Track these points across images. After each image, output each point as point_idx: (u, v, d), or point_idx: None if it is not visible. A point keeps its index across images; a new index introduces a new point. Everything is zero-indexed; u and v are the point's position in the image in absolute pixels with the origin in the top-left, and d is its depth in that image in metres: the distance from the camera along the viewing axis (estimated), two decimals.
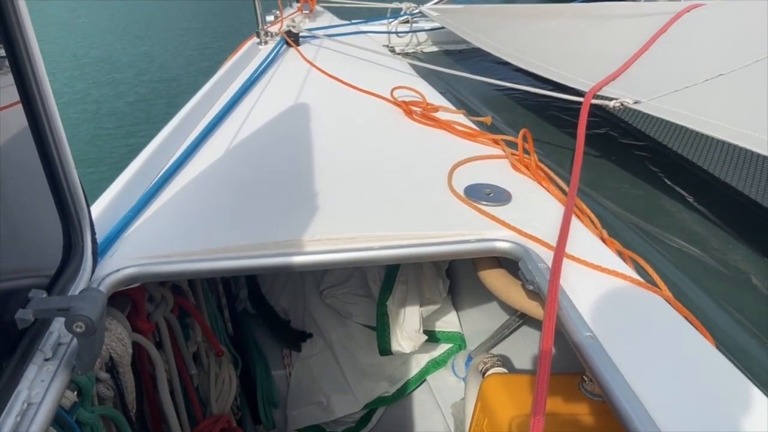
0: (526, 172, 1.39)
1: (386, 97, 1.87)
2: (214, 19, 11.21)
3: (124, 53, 9.13)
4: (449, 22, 2.76)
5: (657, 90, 1.52)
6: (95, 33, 10.36)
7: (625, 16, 2.39)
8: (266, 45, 2.48)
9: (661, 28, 2.02)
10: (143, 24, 10.59)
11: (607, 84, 1.67)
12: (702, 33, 1.97)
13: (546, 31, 2.48)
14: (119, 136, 6.00)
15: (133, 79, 7.82)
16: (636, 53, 1.84)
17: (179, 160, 1.39)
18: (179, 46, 9.75)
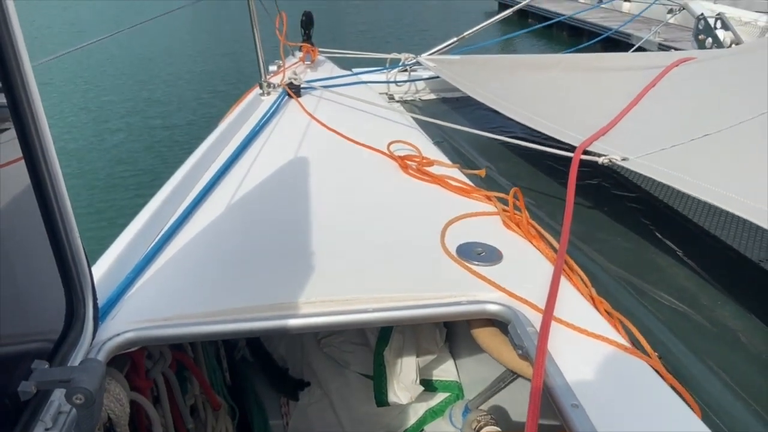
0: (517, 230, 1.43)
1: (383, 150, 1.92)
2: (220, 63, 11.37)
3: (126, 100, 9.19)
4: (445, 72, 2.84)
5: (645, 147, 1.57)
6: (96, 78, 10.46)
7: (616, 69, 2.47)
8: (269, 96, 2.56)
9: (650, 82, 2.09)
10: (147, 69, 10.64)
11: (597, 139, 1.72)
12: (690, 89, 2.03)
13: (540, 82, 2.56)
14: (120, 188, 6.02)
15: (135, 128, 7.87)
16: (625, 108, 1.90)
17: (179, 219, 1.43)
18: (184, 90, 9.82)
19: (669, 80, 2.09)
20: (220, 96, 9.30)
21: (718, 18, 3.47)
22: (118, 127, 7.91)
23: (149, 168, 6.50)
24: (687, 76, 2.12)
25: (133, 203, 5.37)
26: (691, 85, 2.07)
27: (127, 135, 7.60)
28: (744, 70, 2.07)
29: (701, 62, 2.24)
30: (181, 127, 7.91)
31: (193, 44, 12.65)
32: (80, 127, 7.92)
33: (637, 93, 2.01)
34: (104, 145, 7.30)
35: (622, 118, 1.84)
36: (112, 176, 6.32)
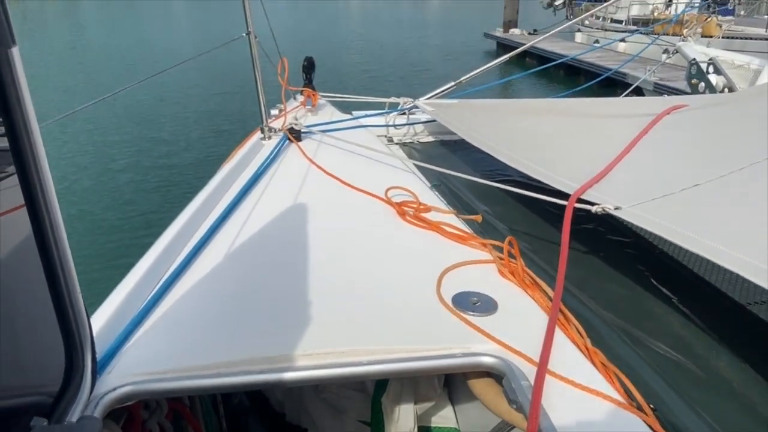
0: (512, 278, 1.44)
1: (381, 196, 1.96)
2: (224, 103, 11.47)
3: (132, 139, 9.23)
4: (442, 116, 2.90)
5: (637, 196, 1.60)
6: (101, 117, 10.55)
7: (610, 116, 2.52)
8: (270, 140, 2.61)
9: (643, 129, 2.13)
10: (151, 109, 10.72)
11: (590, 187, 1.75)
12: (682, 137, 2.08)
13: (535, 127, 2.61)
14: (123, 229, 6.02)
15: (139, 168, 7.91)
16: (618, 155, 1.94)
17: (178, 268, 1.45)
18: (189, 130, 9.88)
19: (661, 127, 2.13)
20: (225, 135, 9.41)
21: (710, 63, 3.54)
22: (122, 167, 7.97)
23: (153, 209, 6.52)
24: (679, 124, 2.17)
25: (135, 245, 5.39)
26: (683, 133, 2.11)
27: (131, 175, 7.65)
28: (735, 119, 2.12)
29: (693, 110, 2.29)
30: (185, 167, 7.97)
31: (197, 84, 12.82)
32: (84, 167, 7.97)
33: (630, 140, 2.06)
34: (108, 185, 7.35)
35: (615, 165, 1.87)
36: (115, 217, 6.33)
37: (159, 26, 32.01)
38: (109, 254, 5.39)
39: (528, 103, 3.14)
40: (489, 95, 5.69)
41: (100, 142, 9.00)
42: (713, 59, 3.56)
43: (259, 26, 2.73)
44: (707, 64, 3.53)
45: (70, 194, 6.94)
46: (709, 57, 3.70)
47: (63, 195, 6.81)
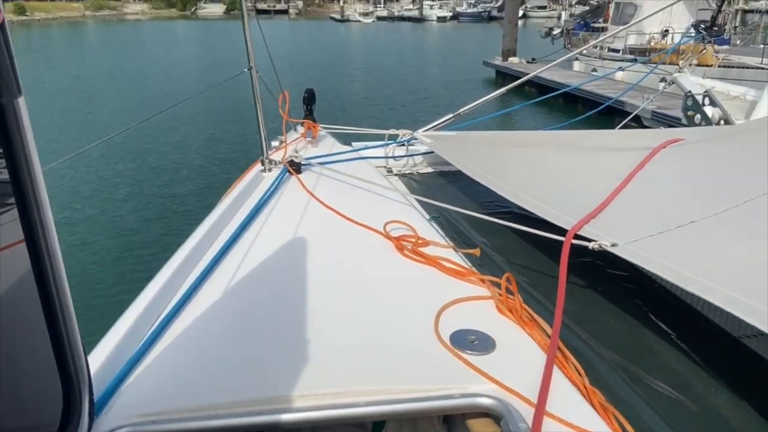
0: (510, 315, 1.45)
1: (379, 230, 1.97)
2: (227, 131, 11.50)
3: (133, 168, 9.23)
4: (440, 148, 2.93)
5: (634, 232, 1.62)
6: (103, 147, 10.69)
7: (606, 149, 2.55)
8: (270, 172, 2.63)
9: (639, 163, 2.15)
10: (153, 137, 10.71)
11: (587, 223, 1.77)
12: (678, 172, 2.10)
13: (532, 161, 2.63)
14: (123, 260, 5.99)
15: (141, 198, 7.91)
16: (614, 190, 1.95)
17: (176, 306, 1.46)
18: (191, 159, 9.90)
19: (658, 161, 2.15)
20: (227, 163, 9.44)
21: (705, 95, 3.59)
22: (124, 197, 7.98)
23: (155, 239, 6.50)
24: (675, 158, 2.19)
25: (136, 278, 5.38)
26: (679, 167, 2.13)
27: (134, 205, 7.66)
28: (731, 154, 2.14)
29: (689, 144, 2.31)
30: (187, 196, 7.99)
31: (200, 113, 12.88)
32: (86, 196, 7.98)
33: (627, 174, 2.08)
34: (110, 214, 7.35)
35: (611, 200, 1.89)
36: (116, 248, 6.32)
37: (163, 49, 32.45)
38: (110, 286, 5.37)
39: (525, 135, 3.18)
40: (488, 123, 5.73)
41: (102, 170, 9.02)
42: (708, 91, 3.61)
43: (260, 57, 2.78)
44: (702, 96, 3.57)
45: (72, 224, 6.92)
46: (705, 89, 3.75)
47: (64, 225, 6.80)
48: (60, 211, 7.12)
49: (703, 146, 2.35)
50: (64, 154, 6.66)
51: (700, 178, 2.03)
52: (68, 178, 8.58)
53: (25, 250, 0.84)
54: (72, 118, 13.50)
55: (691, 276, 1.33)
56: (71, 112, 14.30)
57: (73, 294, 0.93)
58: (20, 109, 0.77)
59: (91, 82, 19.87)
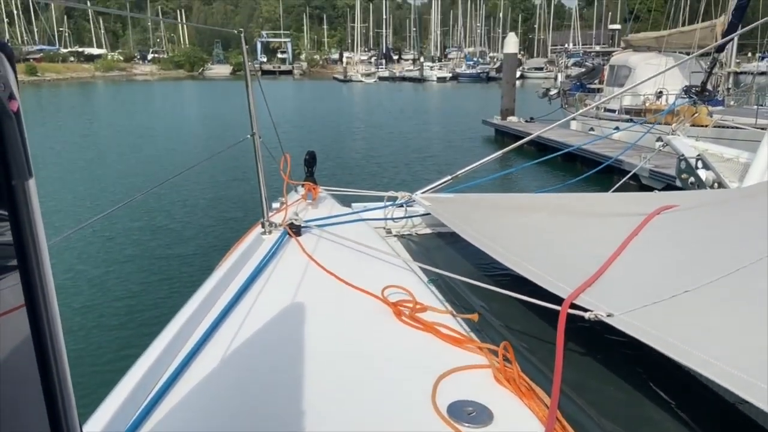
0: (507, 386, 1.44)
1: (377, 295, 1.98)
2: (229, 190, 11.59)
3: (135, 229, 9.22)
4: (438, 211, 2.97)
5: (629, 301, 1.63)
6: (105, 205, 10.64)
7: (601, 214, 2.58)
8: (270, 235, 2.67)
9: (634, 230, 2.18)
10: (156, 196, 10.72)
11: (583, 291, 1.78)
12: (672, 238, 2.12)
13: (529, 224, 2.67)
14: (122, 326, 5.93)
15: (142, 259, 7.89)
16: (609, 258, 1.98)
17: (173, 375, 1.46)
18: (193, 218, 9.93)
19: (652, 228, 2.19)
20: (231, 222, 9.51)
21: (698, 158, 3.66)
22: (124, 258, 7.98)
23: (154, 302, 6.46)
24: (669, 225, 2.22)
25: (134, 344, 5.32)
26: (672, 234, 2.16)
27: (134, 267, 7.64)
28: (725, 221, 2.17)
29: (683, 211, 2.35)
30: (189, 257, 7.99)
31: (202, 172, 12.98)
32: (88, 257, 7.97)
33: (621, 241, 2.10)
34: (111, 276, 7.32)
35: (606, 268, 1.91)
36: (117, 311, 6.26)
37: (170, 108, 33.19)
38: (109, 351, 5.31)
39: (522, 198, 3.23)
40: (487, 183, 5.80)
41: (104, 230, 9.04)
42: (701, 155, 3.68)
43: (262, 118, 2.85)
44: (696, 159, 3.64)
45: (74, 286, 6.89)
46: (698, 152, 3.83)
47: (67, 287, 6.78)
48: (63, 273, 7.11)
49: (697, 212, 2.38)
50: (69, 214, 6.83)
51: (694, 245, 2.06)
52: (72, 240, 8.60)
53: (23, 317, 0.86)
54: (78, 178, 13.66)
55: (687, 349, 1.33)
56: (78, 172, 14.48)
57: (75, 358, 0.94)
58: (30, 191, 0.81)
59: (98, 142, 20.26)
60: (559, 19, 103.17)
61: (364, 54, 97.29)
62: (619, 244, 2.06)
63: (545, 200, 3.01)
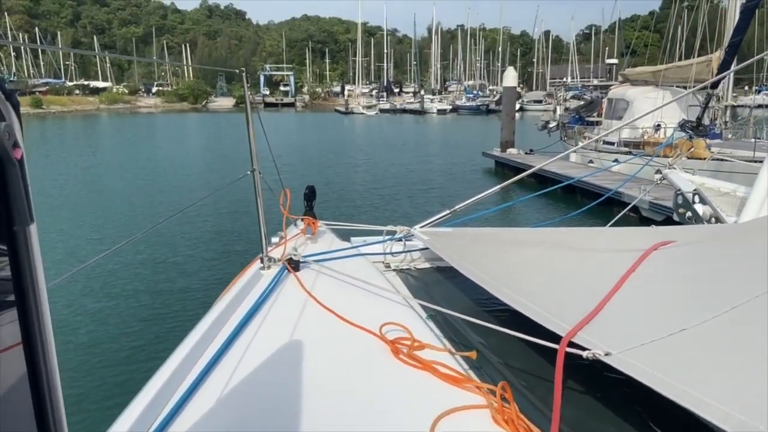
0: (506, 427, 1.44)
1: (375, 332, 1.98)
2: (229, 223, 11.53)
3: (134, 263, 9.12)
4: (436, 245, 2.99)
5: (627, 340, 1.63)
6: (101, 242, 10.54)
7: (599, 250, 2.59)
8: (269, 270, 2.68)
9: (631, 266, 2.19)
10: (152, 232, 10.41)
11: (581, 329, 1.78)
12: (669, 274, 2.13)
13: (527, 260, 2.67)
14: (119, 364, 5.85)
15: (141, 294, 7.81)
16: (607, 295, 1.98)
17: (168, 415, 1.45)
18: (193, 251, 9.86)
19: (649, 265, 2.19)
20: (233, 255, 9.44)
21: (695, 193, 3.68)
22: (125, 292, 7.91)
23: (152, 339, 6.37)
24: (666, 261, 2.23)
25: (131, 379, 5.27)
26: (669, 271, 2.17)
27: (133, 302, 7.56)
28: (720, 257, 2.18)
29: (680, 247, 2.36)
30: (190, 291, 7.93)
31: (203, 207, 12.84)
32: (88, 291, 7.89)
33: (619, 277, 2.11)
34: (111, 312, 7.23)
35: (604, 305, 1.91)
36: (116, 349, 6.18)
37: (172, 141, 33.45)
38: (108, 387, 5.23)
39: (521, 233, 3.24)
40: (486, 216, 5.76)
41: (105, 264, 8.95)
42: (698, 189, 3.70)
43: (262, 151, 2.88)
44: (693, 194, 3.67)
45: (74, 321, 6.80)
46: (695, 186, 3.85)
47: (66, 323, 6.69)
48: (64, 308, 7.05)
49: (694, 248, 2.39)
50: (71, 249, 6.81)
51: (691, 282, 2.06)
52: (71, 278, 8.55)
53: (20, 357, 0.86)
54: (81, 213, 13.62)
55: (684, 389, 1.32)
56: (80, 207, 14.45)
57: (73, 396, 0.94)
58: (31, 236, 0.83)
59: (100, 175, 20.34)
60: (558, 53, 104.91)
61: (366, 87, 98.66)
62: (616, 280, 2.07)
63: (543, 235, 3.03)
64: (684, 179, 4.27)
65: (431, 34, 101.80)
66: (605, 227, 3.41)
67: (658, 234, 2.68)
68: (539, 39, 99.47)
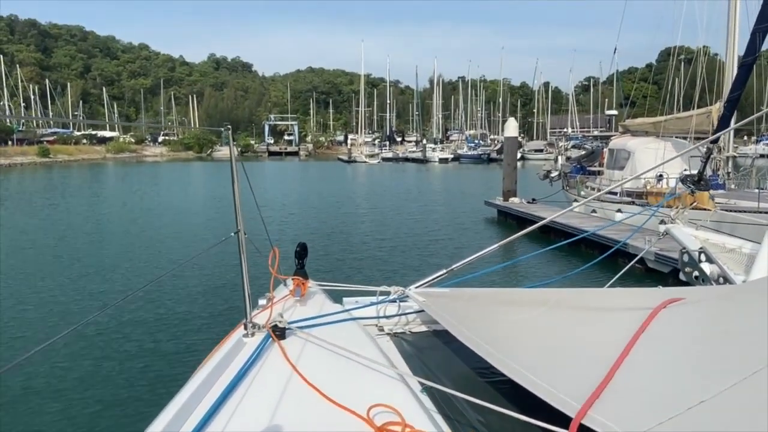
0: None
1: (362, 415, 1.81)
2: (214, 284, 11.03)
3: (109, 324, 8.66)
4: (432, 308, 2.84)
5: (641, 417, 1.47)
6: (82, 302, 10.13)
7: (604, 309, 2.46)
8: (253, 337, 2.52)
9: (639, 327, 2.05)
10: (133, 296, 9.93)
11: (590, 407, 1.62)
12: (681, 335, 1.99)
13: (529, 324, 2.52)
14: None
15: (113, 363, 7.37)
16: (617, 361, 1.83)
17: None
18: (177, 313, 9.36)
19: (658, 324, 2.05)
20: (217, 319, 8.97)
21: (701, 251, 3.55)
22: (104, 356, 7.51)
23: (130, 411, 6.02)
24: (677, 320, 2.10)
25: None
26: (681, 330, 2.04)
27: (113, 367, 7.19)
28: (732, 319, 2.05)
29: (690, 304, 2.23)
30: (171, 356, 7.53)
31: (189, 267, 12.02)
32: (69, 355, 7.48)
33: (627, 340, 1.97)
34: (89, 378, 6.88)
35: (614, 374, 1.76)
36: (91, 420, 5.86)
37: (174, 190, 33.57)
38: None
39: (521, 294, 3.09)
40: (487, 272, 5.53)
41: (87, 328, 8.42)
42: (704, 248, 3.58)
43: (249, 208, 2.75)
44: (698, 252, 3.54)
45: (50, 390, 6.48)
46: (700, 244, 3.72)
47: (39, 392, 6.40)
48: (41, 377, 6.74)
49: (705, 306, 2.26)
50: (60, 309, 6.45)
51: (703, 343, 1.92)
52: (47, 333, 8.24)
53: None
54: (73, 269, 13.12)
55: None
56: (74, 262, 13.96)
57: None
58: None
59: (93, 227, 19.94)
60: (557, 103, 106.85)
61: (369, 136, 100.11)
62: (625, 342, 1.92)
63: (545, 295, 2.88)
64: (687, 235, 4.14)
65: (433, 85, 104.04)
66: (610, 287, 3.27)
67: (666, 294, 2.54)
68: (539, 90, 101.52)
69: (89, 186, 39.50)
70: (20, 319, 9.24)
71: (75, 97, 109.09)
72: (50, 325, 8.77)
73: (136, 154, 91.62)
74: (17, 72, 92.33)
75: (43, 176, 49.40)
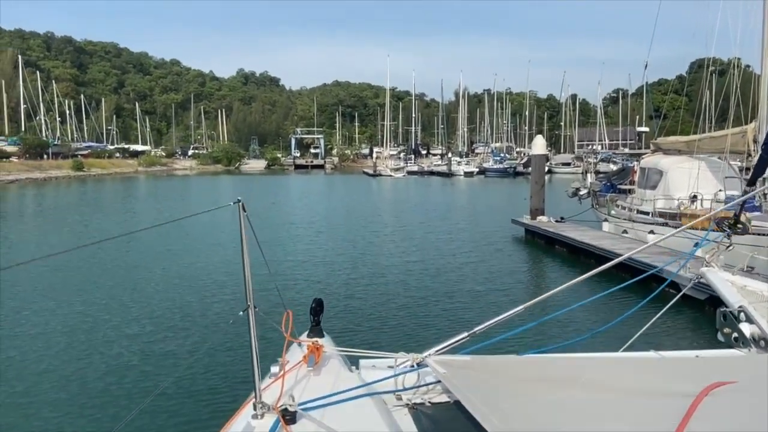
0: None
1: None
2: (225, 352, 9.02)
3: (116, 388, 7.66)
4: (452, 381, 2.66)
5: None
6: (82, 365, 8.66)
7: (644, 393, 2.27)
8: (262, 420, 2.38)
9: (684, 416, 1.87)
10: (137, 356, 8.77)
11: None
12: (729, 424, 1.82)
13: (558, 404, 2.34)
14: None
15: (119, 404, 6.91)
16: None
17: None
18: (183, 390, 7.62)
19: (705, 411, 1.88)
20: (224, 391, 7.60)
21: (740, 311, 3.32)
22: (104, 416, 6.74)
23: None
24: (725, 408, 1.92)
25: None
26: (728, 421, 1.86)
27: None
28: None
29: (739, 390, 2.04)
30: None
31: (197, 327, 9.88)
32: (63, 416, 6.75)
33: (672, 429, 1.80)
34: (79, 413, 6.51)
35: None
36: None
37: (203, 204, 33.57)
38: None
39: (553, 364, 2.91)
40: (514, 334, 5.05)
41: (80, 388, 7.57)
42: (743, 307, 3.34)
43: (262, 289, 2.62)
44: (738, 311, 3.31)
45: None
46: (739, 299, 3.49)
47: None
48: None
49: (756, 391, 2.07)
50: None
51: None
52: (44, 366, 7.99)
53: None
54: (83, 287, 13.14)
55: None
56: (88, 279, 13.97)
57: None
58: None
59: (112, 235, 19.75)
60: (585, 116, 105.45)
61: (394, 149, 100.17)
62: None
63: (577, 369, 2.69)
64: (725, 282, 3.90)
65: (458, 98, 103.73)
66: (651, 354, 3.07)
67: (714, 367, 2.35)
68: (566, 102, 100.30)
69: (122, 201, 39.99)
70: None
71: (109, 112, 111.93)
72: None
73: (166, 168, 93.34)
74: (53, 87, 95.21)
75: (76, 190, 50.41)
